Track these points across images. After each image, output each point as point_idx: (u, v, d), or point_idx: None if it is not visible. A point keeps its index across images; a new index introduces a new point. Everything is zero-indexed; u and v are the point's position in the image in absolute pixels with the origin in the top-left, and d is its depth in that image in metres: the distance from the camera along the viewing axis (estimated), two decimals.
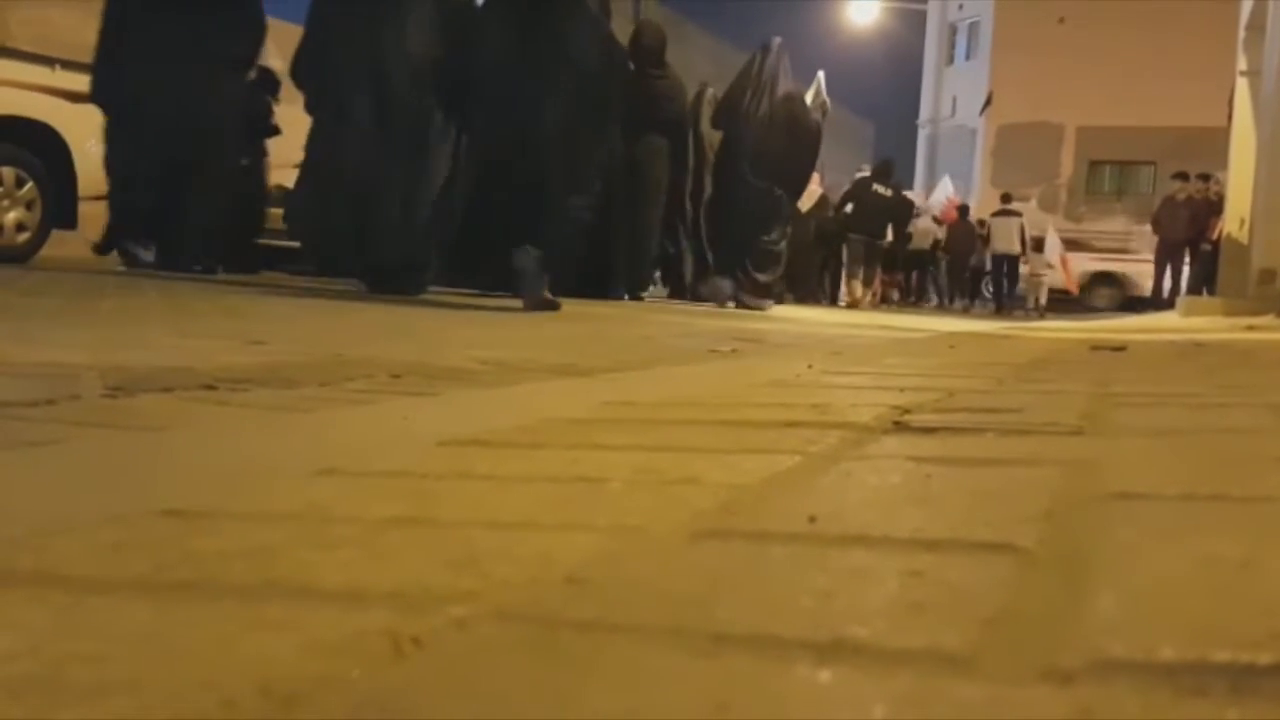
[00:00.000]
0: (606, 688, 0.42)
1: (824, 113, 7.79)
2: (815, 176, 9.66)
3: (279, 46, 6.45)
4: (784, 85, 7.34)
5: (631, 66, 5.67)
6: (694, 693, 0.41)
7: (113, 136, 5.84)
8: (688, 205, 7.82)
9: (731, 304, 7.33)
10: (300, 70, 5.18)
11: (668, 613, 0.51)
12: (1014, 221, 16.54)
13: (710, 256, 7.50)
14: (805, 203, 10.09)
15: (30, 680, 0.42)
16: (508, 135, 4.83)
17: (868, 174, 13.29)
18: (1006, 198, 17.61)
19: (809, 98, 7.76)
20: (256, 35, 5.75)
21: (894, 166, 13.83)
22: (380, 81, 4.84)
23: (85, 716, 0.38)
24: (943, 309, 15.50)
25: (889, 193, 12.97)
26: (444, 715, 0.39)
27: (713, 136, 7.70)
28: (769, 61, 7.31)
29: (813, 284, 12.55)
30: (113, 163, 5.85)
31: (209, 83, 5.42)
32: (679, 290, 7.90)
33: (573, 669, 0.44)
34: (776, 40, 7.60)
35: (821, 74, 8.28)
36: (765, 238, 7.29)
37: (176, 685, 0.41)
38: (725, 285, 7.26)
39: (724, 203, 7.27)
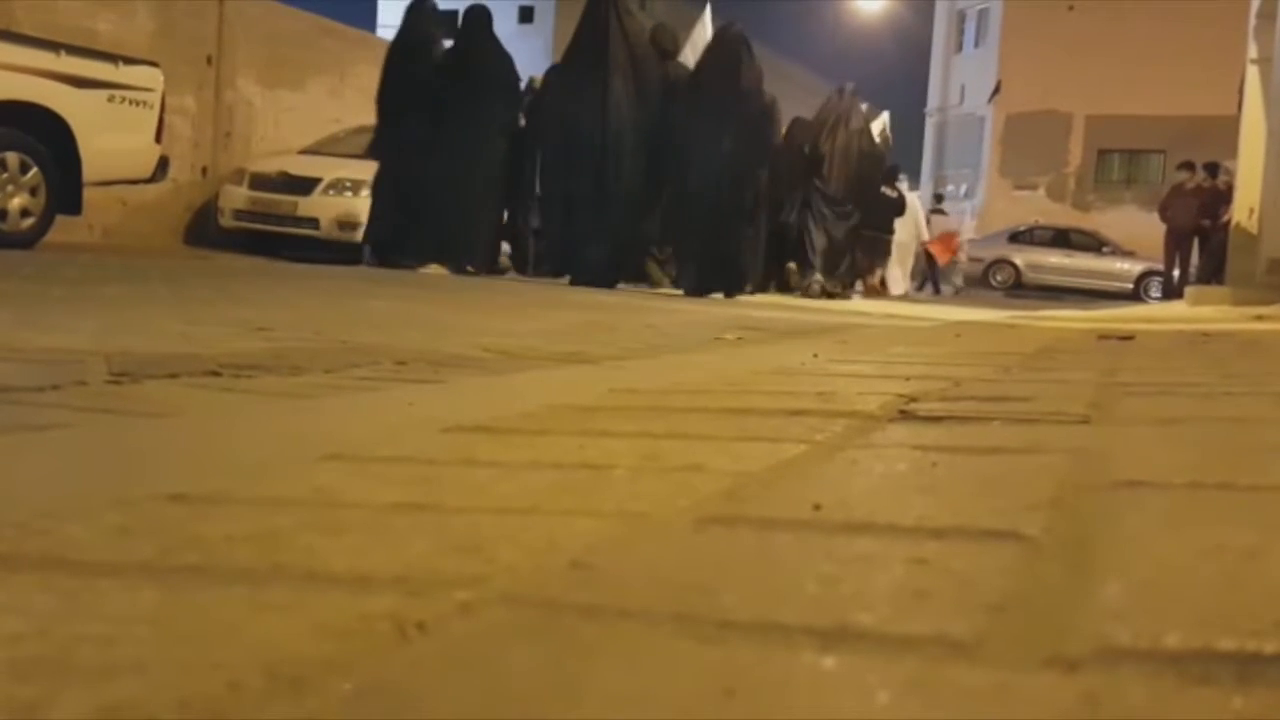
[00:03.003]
0: (612, 673, 0.42)
1: (887, 145, 9.86)
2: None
3: None
4: (855, 121, 9.32)
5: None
6: (700, 678, 0.41)
7: (382, 183, 7.51)
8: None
9: (821, 296, 9.04)
10: (534, 127, 7.30)
11: (673, 599, 0.51)
12: (948, 221, 18.30)
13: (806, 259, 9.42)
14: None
15: (38, 662, 0.42)
16: (697, 175, 6.92)
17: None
18: (939, 198, 19.49)
19: (875, 130, 9.66)
20: (516, 103, 7.55)
21: (899, 171, 14.67)
22: (594, 139, 6.83)
23: (93, 698, 0.38)
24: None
25: (894, 194, 13.75)
26: (449, 699, 0.39)
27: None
28: (843, 103, 9.32)
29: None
30: (378, 199, 7.57)
31: (480, 143, 7.17)
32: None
33: (578, 654, 0.44)
34: (850, 85, 9.57)
35: (886, 113, 10.55)
36: (839, 241, 9.30)
37: (183, 667, 0.41)
38: (816, 281, 9.12)
39: (807, 215, 9.16)
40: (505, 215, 7.82)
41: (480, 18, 7.32)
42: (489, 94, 7.16)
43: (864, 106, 9.59)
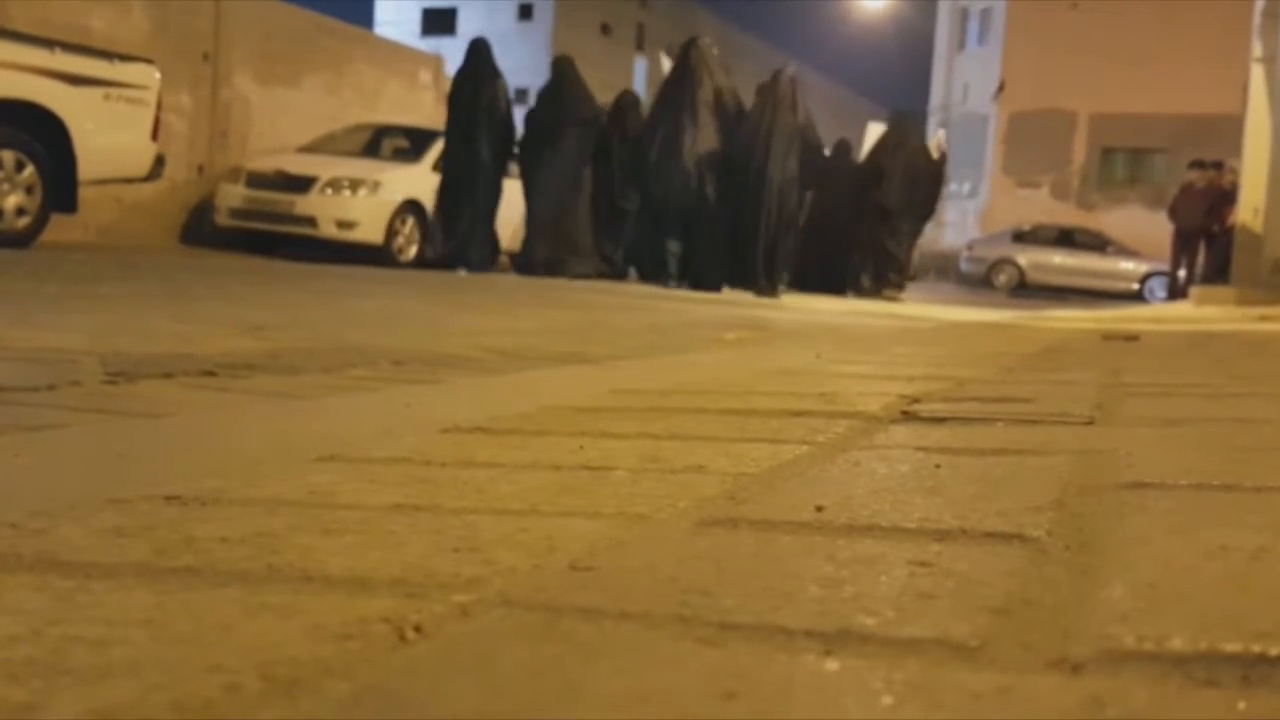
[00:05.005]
0: (612, 675, 0.41)
1: (944, 158, 11.24)
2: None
3: None
4: (914, 140, 10.82)
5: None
6: (701, 681, 0.41)
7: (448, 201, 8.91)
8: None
9: (877, 297, 9.96)
10: (643, 154, 8.77)
11: (674, 601, 0.51)
12: None
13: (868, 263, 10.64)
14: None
15: (32, 664, 0.41)
16: (766, 195, 8.59)
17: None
18: None
19: (933, 146, 11.06)
20: (596, 133, 8.97)
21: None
22: (680, 166, 8.42)
23: (87, 700, 0.38)
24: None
25: None
26: (447, 702, 0.39)
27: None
28: (902, 125, 10.78)
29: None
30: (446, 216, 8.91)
31: (576, 168, 8.86)
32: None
33: (578, 656, 0.43)
34: (905, 111, 11.38)
35: (942, 130, 12.32)
36: (899, 247, 10.50)
37: (179, 670, 0.41)
38: (870, 283, 10.30)
39: (872, 226, 10.35)
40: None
41: (567, 65, 8.98)
42: (577, 127, 8.76)
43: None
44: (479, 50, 8.84)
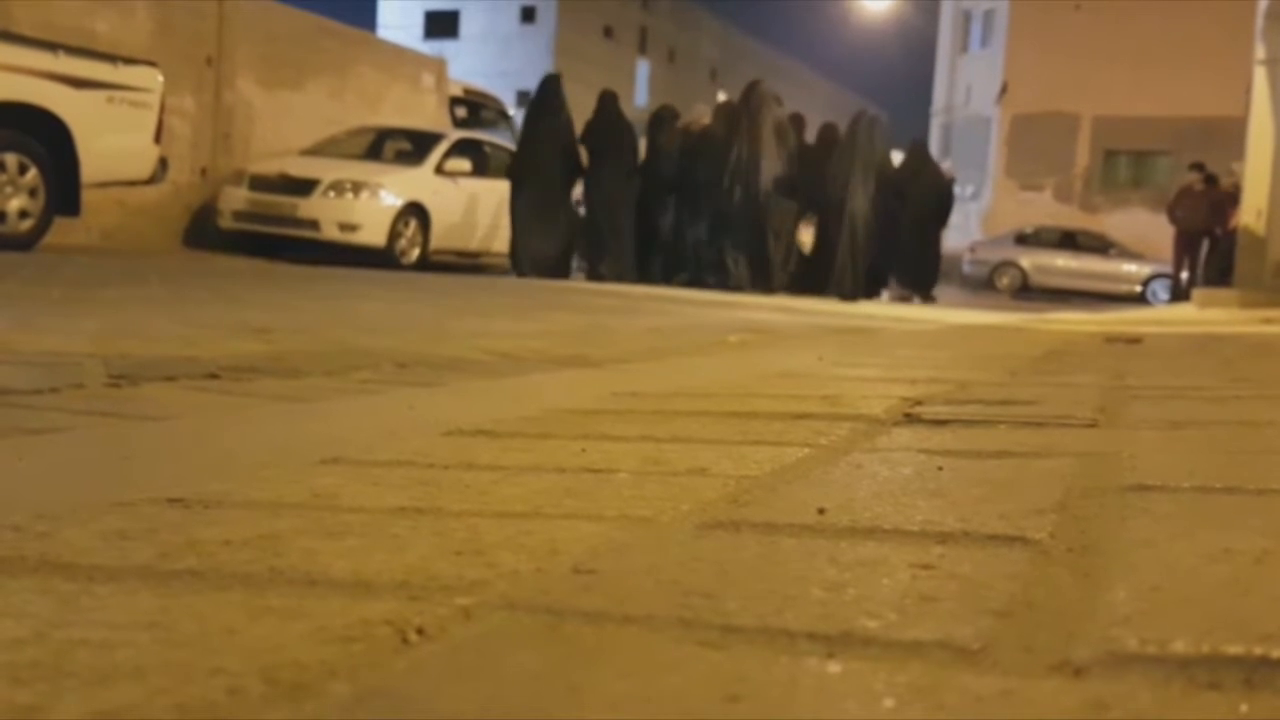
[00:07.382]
0: (614, 678, 0.42)
1: (953, 180, 12.85)
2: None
3: None
4: (928, 166, 12.35)
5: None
6: (704, 684, 0.41)
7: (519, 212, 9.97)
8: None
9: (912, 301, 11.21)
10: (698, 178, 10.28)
11: (676, 604, 0.51)
12: None
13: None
14: None
15: (36, 667, 0.41)
16: (833, 210, 10.41)
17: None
18: None
19: (945, 166, 12.93)
20: (637, 156, 10.44)
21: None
22: (750, 183, 10.04)
23: (91, 703, 0.38)
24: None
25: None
26: (450, 704, 0.39)
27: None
28: (918, 153, 12.43)
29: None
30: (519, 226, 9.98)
31: (623, 185, 10.11)
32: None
33: (580, 659, 0.43)
34: (921, 139, 12.95)
35: (949, 162, 13.87)
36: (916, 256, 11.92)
37: (182, 673, 0.41)
38: (904, 289, 11.62)
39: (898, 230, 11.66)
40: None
41: (612, 99, 10.21)
42: (621, 151, 10.07)
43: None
44: (550, 85, 10.00)
